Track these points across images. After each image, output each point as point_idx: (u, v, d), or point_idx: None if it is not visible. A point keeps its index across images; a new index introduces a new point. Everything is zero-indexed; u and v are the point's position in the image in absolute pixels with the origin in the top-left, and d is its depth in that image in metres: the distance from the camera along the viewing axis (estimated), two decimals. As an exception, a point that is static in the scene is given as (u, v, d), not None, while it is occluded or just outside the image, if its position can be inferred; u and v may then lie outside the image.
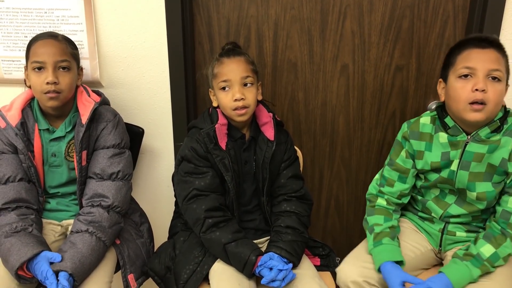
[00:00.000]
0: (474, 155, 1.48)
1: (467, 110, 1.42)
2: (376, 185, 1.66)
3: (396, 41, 1.86)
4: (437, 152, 1.53)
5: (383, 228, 1.56)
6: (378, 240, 1.54)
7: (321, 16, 1.84)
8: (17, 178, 1.57)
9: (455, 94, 1.45)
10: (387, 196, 1.62)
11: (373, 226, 1.58)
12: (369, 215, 1.63)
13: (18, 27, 1.80)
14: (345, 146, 2.02)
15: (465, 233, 1.58)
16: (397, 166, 1.61)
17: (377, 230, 1.56)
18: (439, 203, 1.59)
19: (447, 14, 1.83)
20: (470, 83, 1.41)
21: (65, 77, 1.55)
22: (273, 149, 1.60)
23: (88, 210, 1.57)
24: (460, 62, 1.45)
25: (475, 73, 1.41)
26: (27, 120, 1.60)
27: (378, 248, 1.52)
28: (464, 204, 1.55)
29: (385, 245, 1.52)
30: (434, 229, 1.62)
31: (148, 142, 1.93)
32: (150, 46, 1.82)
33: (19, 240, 1.45)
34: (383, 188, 1.63)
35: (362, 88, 1.93)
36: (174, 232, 1.72)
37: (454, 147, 1.51)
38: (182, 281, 1.54)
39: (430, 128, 1.55)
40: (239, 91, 1.53)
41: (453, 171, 1.51)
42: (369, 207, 1.65)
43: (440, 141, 1.52)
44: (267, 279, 1.44)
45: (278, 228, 1.60)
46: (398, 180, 1.61)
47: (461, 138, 1.49)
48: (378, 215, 1.60)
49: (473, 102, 1.41)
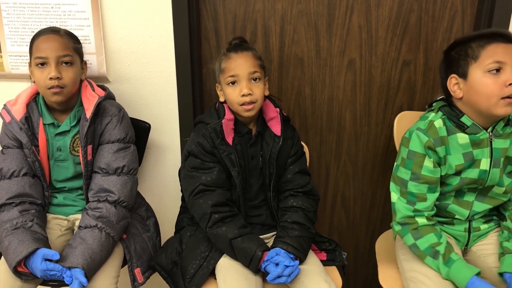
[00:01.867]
0: (501, 150, 1.49)
1: (499, 105, 1.40)
2: (406, 205, 1.52)
3: (403, 35, 1.85)
4: (457, 154, 1.49)
5: (444, 244, 1.46)
6: (447, 259, 1.44)
7: (328, 11, 1.84)
8: (21, 172, 1.58)
9: (485, 89, 1.41)
10: (426, 212, 1.51)
11: (432, 248, 1.46)
12: (417, 239, 1.48)
13: (25, 22, 1.80)
14: (351, 142, 2.01)
15: (486, 224, 1.59)
16: (425, 178, 1.50)
17: (441, 251, 1.45)
18: (461, 204, 1.56)
19: (455, 9, 1.81)
20: (502, 78, 1.39)
21: (68, 71, 1.56)
22: (279, 144, 1.59)
23: (95, 205, 1.58)
24: (488, 57, 1.41)
25: (504, 67, 1.40)
26: (32, 114, 1.60)
27: (455, 267, 1.41)
28: (486, 199, 1.55)
29: (458, 261, 1.42)
30: (458, 230, 1.58)
31: (154, 137, 1.94)
32: (157, 41, 1.82)
33: (16, 238, 1.46)
34: (416, 206, 1.51)
35: (369, 83, 1.92)
36: (180, 227, 1.73)
37: (477, 146, 1.48)
38: (189, 276, 1.54)
39: (444, 131, 1.50)
40: (246, 86, 1.53)
41: (484, 170, 1.49)
42: (412, 230, 1.50)
43: (460, 143, 1.49)
44: (273, 275, 1.44)
45: (285, 224, 1.59)
46: (428, 191, 1.51)
47: (483, 136, 1.47)
48: (429, 235, 1.48)
49: (507, 96, 1.39)
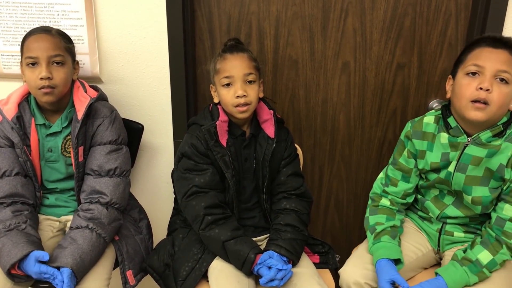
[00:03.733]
0: (472, 158, 1.46)
1: (468, 108, 1.40)
2: (381, 184, 1.64)
3: (397, 39, 1.85)
4: (437, 152, 1.52)
5: (385, 227, 1.55)
6: (377, 238, 1.53)
7: (322, 13, 1.83)
8: (13, 172, 1.57)
9: (459, 90, 1.43)
10: (391, 196, 1.61)
11: (374, 225, 1.57)
12: (371, 214, 1.61)
13: (18, 22, 1.79)
14: (345, 144, 2.01)
15: (463, 233, 1.57)
16: (400, 165, 1.59)
17: (378, 229, 1.55)
18: (437, 203, 1.58)
19: (449, 12, 1.82)
20: (476, 81, 1.40)
21: (59, 72, 1.54)
22: (273, 146, 1.59)
23: (87, 206, 1.57)
24: (470, 59, 1.43)
25: (483, 71, 1.39)
26: (24, 114, 1.59)
27: (377, 246, 1.52)
28: (461, 207, 1.54)
29: (384, 243, 1.51)
30: (432, 229, 1.61)
31: (147, 138, 1.93)
32: (151, 42, 1.81)
33: (10, 240, 1.45)
34: (387, 188, 1.62)
35: (363, 86, 1.92)
36: (173, 229, 1.72)
37: (453, 148, 1.49)
38: (181, 278, 1.53)
39: (433, 127, 1.54)
40: (241, 87, 1.52)
41: (450, 172, 1.50)
42: (372, 206, 1.63)
43: (441, 142, 1.51)
44: (266, 279, 1.44)
45: (278, 226, 1.59)
46: (402, 179, 1.60)
47: (462, 140, 1.47)
48: (381, 215, 1.58)
49: (475, 100, 1.39)
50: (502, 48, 1.41)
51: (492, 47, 1.41)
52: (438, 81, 1.89)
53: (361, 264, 1.54)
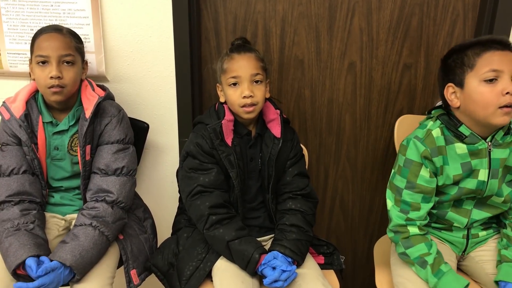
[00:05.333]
0: (500, 161, 1.46)
1: (497, 115, 1.37)
2: (399, 213, 1.52)
3: (404, 39, 1.84)
4: (455, 164, 1.47)
5: (434, 255, 1.46)
6: (437, 270, 1.44)
7: (329, 13, 1.83)
8: (21, 170, 1.57)
9: (482, 98, 1.38)
10: (418, 221, 1.50)
11: (421, 257, 1.46)
12: (408, 248, 1.49)
13: (24, 20, 1.79)
14: (351, 145, 2.01)
15: (484, 231, 1.58)
16: (420, 188, 1.49)
17: (430, 261, 1.45)
18: (460, 212, 1.54)
19: (457, 13, 1.81)
20: (499, 86, 1.37)
21: (69, 71, 1.55)
22: (279, 146, 1.59)
23: (92, 205, 1.57)
24: (484, 65, 1.38)
25: (501, 76, 1.37)
26: (31, 112, 1.59)
27: (444, 280, 1.42)
28: (485, 207, 1.53)
29: (447, 273, 1.43)
30: (456, 236, 1.57)
31: (153, 137, 1.93)
32: (157, 41, 1.81)
33: (17, 240, 1.44)
34: (409, 214, 1.51)
35: (370, 86, 1.91)
36: (177, 228, 1.71)
37: (475, 156, 1.46)
38: (185, 278, 1.53)
39: (442, 140, 1.48)
40: (248, 88, 1.52)
41: (482, 181, 1.47)
42: (402, 239, 1.50)
43: (458, 152, 1.47)
44: (270, 279, 1.43)
45: (283, 226, 1.58)
46: (423, 201, 1.50)
47: (482, 146, 1.45)
48: (419, 244, 1.48)
49: (504, 106, 1.36)
50: (507, 49, 1.40)
51: (501, 50, 1.39)
52: (445, 81, 1.88)
53: None
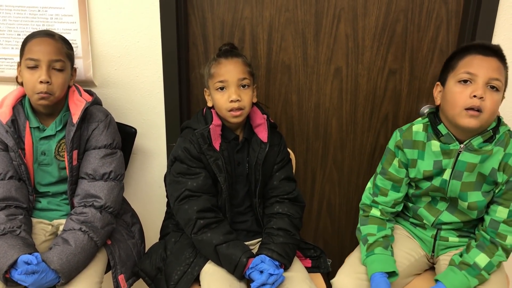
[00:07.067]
0: (467, 164, 1.47)
1: (462, 116, 1.41)
2: (370, 194, 1.63)
3: (389, 45, 1.87)
4: (429, 160, 1.52)
5: (377, 238, 1.54)
6: (371, 250, 1.53)
7: (315, 19, 1.85)
8: (7, 176, 1.56)
9: (452, 98, 1.44)
10: (381, 206, 1.60)
11: (366, 236, 1.56)
12: (362, 225, 1.60)
13: (11, 25, 1.79)
14: (337, 149, 2.03)
15: (457, 238, 1.58)
16: (390, 175, 1.59)
17: (370, 241, 1.54)
18: (430, 210, 1.58)
19: (441, 19, 1.84)
20: (469, 89, 1.40)
21: (58, 77, 1.54)
22: (266, 150, 1.60)
23: (81, 210, 1.57)
24: (462, 67, 1.43)
25: (475, 79, 1.40)
26: (18, 117, 1.58)
27: (371, 258, 1.51)
28: (456, 212, 1.55)
29: (378, 255, 1.51)
30: (426, 235, 1.61)
31: (140, 142, 1.93)
32: (144, 46, 1.81)
33: (6, 243, 1.44)
34: (376, 197, 1.61)
35: (355, 91, 1.94)
36: (165, 232, 1.72)
37: (446, 156, 1.49)
38: (173, 282, 1.53)
39: (423, 136, 1.54)
40: (235, 92, 1.53)
41: (445, 180, 1.50)
42: (363, 216, 1.62)
43: (433, 150, 1.51)
44: (258, 283, 1.44)
45: (270, 230, 1.59)
46: (392, 189, 1.59)
47: (454, 147, 1.48)
48: (372, 225, 1.58)
49: (470, 108, 1.39)
50: (492, 56, 1.42)
51: (483, 54, 1.42)
52: (430, 87, 1.91)
53: (354, 274, 1.54)
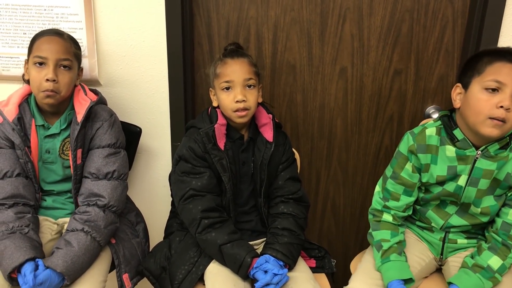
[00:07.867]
0: (484, 171, 1.44)
1: (485, 124, 1.38)
2: (380, 199, 1.59)
3: (395, 45, 1.87)
4: (442, 165, 1.49)
5: (391, 244, 1.51)
6: (386, 256, 1.50)
7: (320, 19, 1.85)
8: (14, 173, 1.57)
9: (477, 105, 1.39)
10: (394, 211, 1.56)
11: (380, 242, 1.53)
12: (374, 230, 1.57)
13: (17, 24, 1.79)
14: (342, 149, 2.02)
15: (465, 240, 1.57)
16: (402, 180, 1.54)
17: (385, 247, 1.51)
18: (439, 213, 1.56)
19: (446, 19, 1.83)
20: (496, 98, 1.36)
21: (65, 76, 1.55)
22: (271, 150, 1.60)
23: (84, 209, 1.57)
24: (490, 74, 1.38)
25: (503, 89, 1.36)
26: (24, 115, 1.59)
27: (386, 265, 1.48)
28: (466, 216, 1.53)
29: (393, 262, 1.48)
30: (434, 238, 1.60)
31: (145, 141, 1.93)
32: (150, 45, 1.81)
33: (13, 243, 1.44)
34: (388, 202, 1.57)
35: (361, 91, 1.93)
36: (170, 232, 1.72)
37: (462, 162, 1.46)
38: (177, 281, 1.53)
39: (436, 140, 1.50)
40: (241, 92, 1.53)
41: (460, 186, 1.48)
42: (374, 221, 1.58)
43: (447, 155, 1.48)
44: (262, 283, 1.44)
45: (275, 230, 1.59)
46: (404, 193, 1.55)
47: (471, 153, 1.45)
48: (385, 230, 1.54)
49: (494, 118, 1.36)
50: None
51: None
52: (435, 87, 1.90)
53: (369, 280, 1.50)
